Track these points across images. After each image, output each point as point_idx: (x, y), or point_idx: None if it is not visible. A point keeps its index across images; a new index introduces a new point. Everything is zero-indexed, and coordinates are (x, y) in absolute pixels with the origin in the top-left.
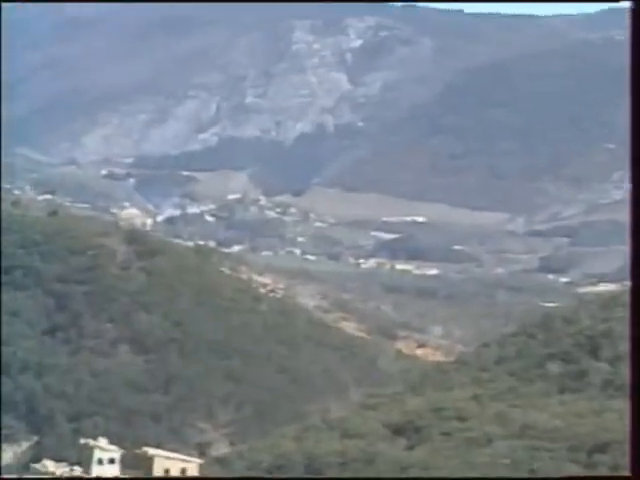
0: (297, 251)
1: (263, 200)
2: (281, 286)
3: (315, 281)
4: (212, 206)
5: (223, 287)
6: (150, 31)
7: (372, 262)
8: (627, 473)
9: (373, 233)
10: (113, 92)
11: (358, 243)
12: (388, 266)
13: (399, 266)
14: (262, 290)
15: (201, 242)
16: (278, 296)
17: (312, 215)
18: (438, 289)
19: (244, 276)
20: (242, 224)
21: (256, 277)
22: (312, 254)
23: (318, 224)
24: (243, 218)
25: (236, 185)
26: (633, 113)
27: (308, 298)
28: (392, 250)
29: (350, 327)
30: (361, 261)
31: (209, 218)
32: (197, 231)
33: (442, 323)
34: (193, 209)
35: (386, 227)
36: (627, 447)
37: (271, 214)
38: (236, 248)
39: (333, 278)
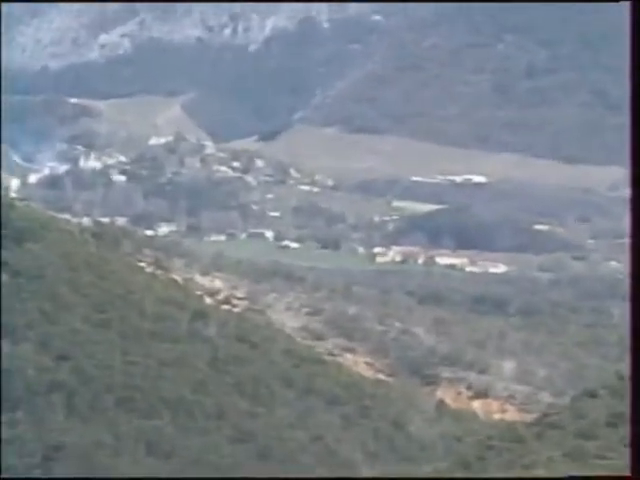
0: (268, 234)
1: (210, 147)
2: (241, 294)
3: (300, 285)
4: (122, 158)
5: (142, 296)
6: None
7: (395, 252)
8: None
9: (397, 203)
10: None
11: (372, 220)
12: (422, 259)
13: (440, 259)
14: (209, 301)
15: (104, 218)
16: (237, 311)
17: (293, 172)
18: (508, 298)
19: (178, 277)
20: (175, 188)
21: (199, 279)
22: (294, 239)
23: (303, 187)
24: (176, 178)
25: (164, 121)
26: (633, 113)
27: (288, 315)
28: (429, 232)
29: (359, 363)
30: (377, 250)
31: (118, 177)
32: (97, 199)
33: (515, 355)
34: (90, 162)
35: (419, 192)
36: None
37: (224, 171)
38: (165, 229)
39: (330, 279)
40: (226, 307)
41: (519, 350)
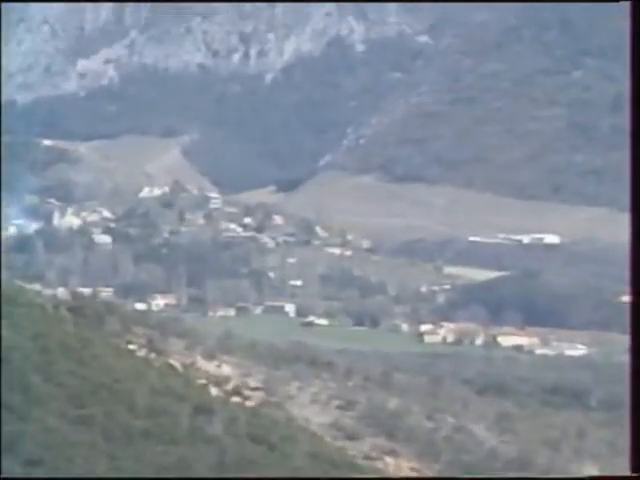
0: (289, 308)
1: (216, 200)
2: (255, 383)
3: (328, 372)
4: (107, 213)
5: (132, 386)
6: None
7: (447, 331)
8: None
9: (449, 269)
10: None
11: (418, 290)
12: (481, 338)
13: (504, 339)
14: (216, 391)
15: (85, 289)
16: (250, 404)
17: (320, 231)
18: (588, 387)
19: (177, 362)
20: (172, 252)
21: (203, 364)
22: (321, 314)
23: (333, 250)
24: (174, 239)
25: (159, 168)
26: (633, 113)
27: (314, 409)
28: (489, 305)
29: (403, 468)
30: (424, 328)
31: (101, 237)
32: (75, 266)
33: (598, 459)
34: (67, 219)
35: (477, 256)
36: None
37: (233, 229)
38: (160, 302)
39: (366, 365)
40: (236, 399)
41: (603, 452)
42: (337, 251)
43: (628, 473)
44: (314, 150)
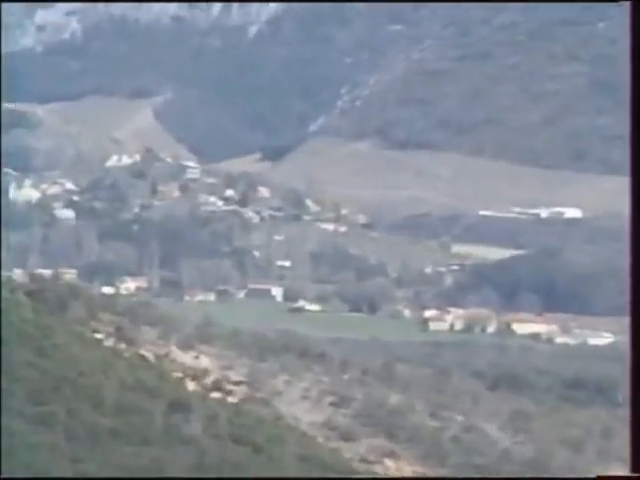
0: (277, 291)
1: (194, 169)
2: (238, 377)
3: (320, 364)
4: (70, 185)
5: (99, 380)
6: None
7: (455, 317)
8: None
9: (458, 248)
10: None
11: (422, 271)
12: (493, 325)
13: (519, 326)
14: (193, 386)
15: (45, 271)
16: (232, 400)
17: (311, 204)
18: (614, 380)
19: (149, 353)
20: (144, 228)
21: (179, 355)
22: (312, 299)
23: (325, 226)
24: (146, 213)
25: (128, 134)
26: (633, 113)
27: (304, 406)
28: (503, 287)
29: (405, 472)
30: (429, 314)
31: (64, 212)
32: (33, 244)
33: (625, 460)
34: (24, 191)
35: (488, 232)
36: None
37: (213, 202)
38: (130, 285)
39: (363, 356)
40: (217, 395)
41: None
42: (330, 227)
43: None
44: (304, 113)
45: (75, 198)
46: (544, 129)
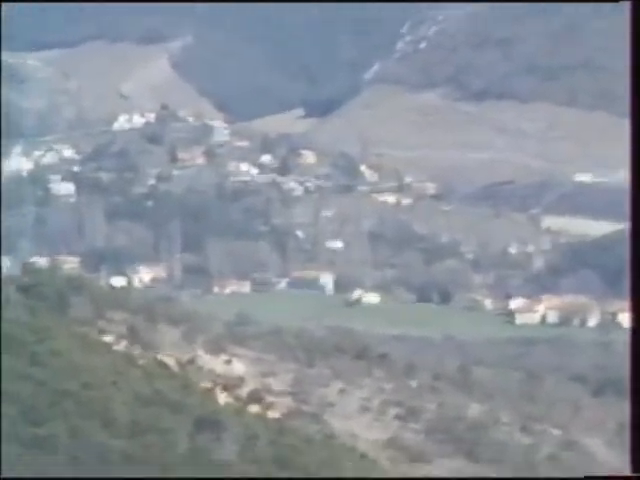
0: (326, 279)
1: (221, 130)
2: (281, 386)
3: (382, 367)
4: (69, 152)
5: (109, 393)
6: None
7: (548, 307)
8: None
9: (550, 221)
10: None
11: (506, 252)
12: (596, 317)
13: (622, 317)
14: (226, 399)
15: (40, 259)
16: (274, 416)
17: (367, 172)
18: None
19: (170, 358)
20: (161, 204)
21: (207, 360)
22: (370, 287)
23: (385, 198)
24: (163, 186)
25: (140, 87)
26: (633, 112)
27: (363, 420)
28: (608, 270)
29: None
30: (516, 304)
31: (62, 186)
32: (26, 226)
33: None
34: (14, 161)
35: (589, 202)
36: None
37: (246, 171)
38: (145, 275)
39: (434, 356)
40: (255, 409)
41: None
42: (391, 199)
43: None
44: (356, 58)
45: (75, 168)
46: None
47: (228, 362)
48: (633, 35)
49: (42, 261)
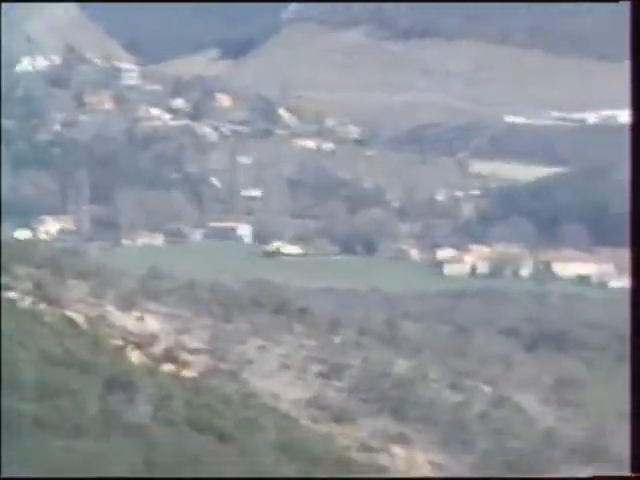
0: (244, 230)
1: (131, 72)
2: (197, 343)
3: (304, 323)
4: None
5: (14, 354)
6: None
7: (477, 257)
8: None
9: (479, 166)
10: None
11: (433, 199)
12: (528, 267)
13: (562, 266)
14: (139, 357)
15: None
16: (190, 375)
17: (285, 115)
18: None
19: (79, 315)
20: (67, 151)
21: (118, 317)
22: (290, 239)
23: (305, 142)
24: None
25: (45, 27)
26: (633, 112)
27: (284, 378)
28: (539, 217)
29: (418, 462)
30: (443, 255)
31: None
32: None
33: None
34: None
35: (518, 145)
36: None
37: (157, 116)
38: (50, 227)
39: (359, 311)
40: (169, 368)
41: None
42: (312, 144)
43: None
44: None
45: None
46: (594, 8)
47: (140, 319)
48: (633, 35)
49: None
